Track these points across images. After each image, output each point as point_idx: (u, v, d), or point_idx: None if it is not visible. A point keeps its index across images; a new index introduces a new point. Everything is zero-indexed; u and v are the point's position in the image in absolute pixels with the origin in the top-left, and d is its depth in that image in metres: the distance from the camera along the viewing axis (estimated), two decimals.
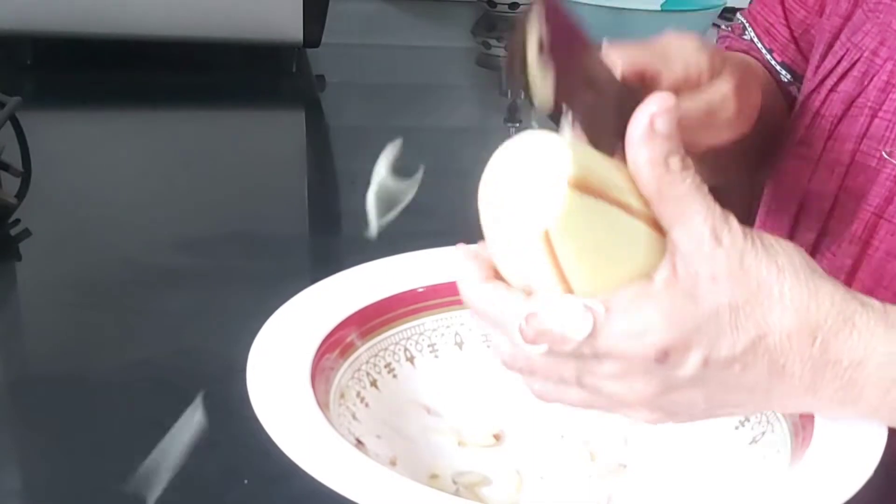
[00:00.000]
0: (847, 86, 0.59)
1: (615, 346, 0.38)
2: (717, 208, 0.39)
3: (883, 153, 0.57)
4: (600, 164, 0.39)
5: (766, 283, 0.39)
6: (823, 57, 0.62)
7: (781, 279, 0.40)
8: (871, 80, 0.58)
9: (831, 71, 0.60)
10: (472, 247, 0.42)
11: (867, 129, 0.58)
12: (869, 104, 0.58)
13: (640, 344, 0.38)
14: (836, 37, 0.61)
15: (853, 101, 0.59)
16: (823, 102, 0.60)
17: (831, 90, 0.60)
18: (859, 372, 0.41)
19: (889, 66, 0.57)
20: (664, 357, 0.39)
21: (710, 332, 0.39)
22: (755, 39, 0.68)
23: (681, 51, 0.48)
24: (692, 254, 0.39)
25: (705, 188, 0.39)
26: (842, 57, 0.60)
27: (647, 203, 0.39)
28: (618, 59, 0.45)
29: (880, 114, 0.57)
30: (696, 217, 0.39)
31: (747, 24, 0.69)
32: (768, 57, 0.68)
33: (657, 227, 0.40)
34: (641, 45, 0.47)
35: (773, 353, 0.40)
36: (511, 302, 0.40)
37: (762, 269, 0.39)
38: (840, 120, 0.59)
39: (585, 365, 0.40)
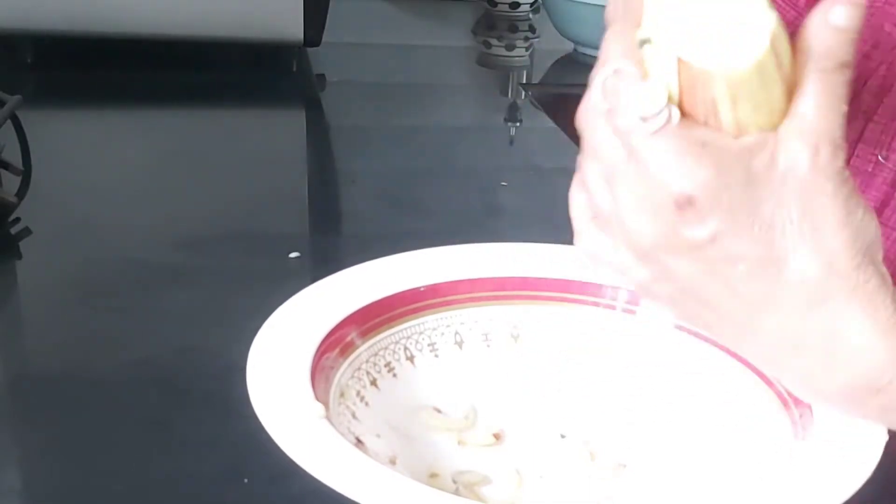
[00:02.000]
0: None
1: (657, 160, 0.36)
2: (839, 132, 0.37)
3: (879, 157, 0.57)
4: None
5: (822, 222, 0.37)
6: None
7: (837, 230, 0.37)
8: (865, 84, 0.58)
9: None
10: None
11: (861, 133, 0.57)
12: (863, 108, 0.58)
13: (675, 176, 0.36)
14: None
15: (847, 106, 0.59)
16: None
17: None
18: (856, 358, 0.39)
19: (882, 69, 0.57)
20: (682, 205, 0.36)
21: (738, 218, 0.37)
22: None
23: None
24: (786, 144, 0.37)
25: (844, 105, 0.37)
26: None
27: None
28: None
29: (875, 118, 0.57)
30: (814, 120, 0.37)
31: None
32: None
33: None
34: None
35: (780, 285, 0.38)
36: (623, 53, 0.37)
37: (829, 208, 0.37)
38: None
39: (620, 159, 0.38)
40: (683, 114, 0.37)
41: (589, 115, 0.39)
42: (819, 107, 0.37)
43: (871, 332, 0.39)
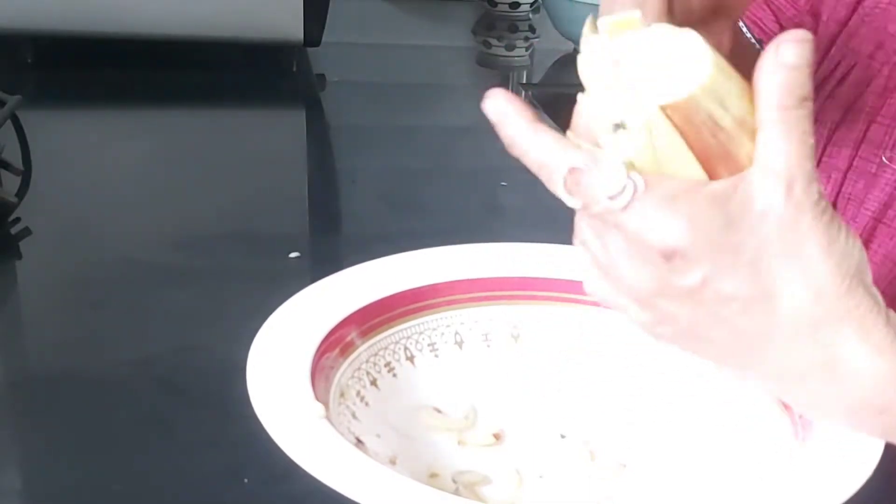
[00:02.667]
0: (844, 91, 0.59)
1: (635, 225, 0.38)
2: (810, 165, 0.38)
3: (882, 158, 0.57)
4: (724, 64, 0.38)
5: (806, 254, 0.38)
6: (820, 62, 0.62)
7: (822, 259, 0.38)
8: (869, 85, 0.58)
9: (828, 76, 0.60)
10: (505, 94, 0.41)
11: (865, 134, 0.57)
12: (867, 109, 0.58)
13: (654, 234, 0.38)
14: (833, 42, 0.61)
15: (851, 107, 0.59)
16: (821, 108, 0.60)
17: (829, 96, 0.60)
18: (855, 384, 0.40)
19: (886, 70, 0.57)
20: (669, 257, 0.38)
21: (723, 262, 0.38)
22: (744, 29, 0.68)
23: None
24: (757, 184, 0.37)
25: (811, 139, 0.38)
26: (838, 62, 0.60)
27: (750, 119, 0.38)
28: None
29: (878, 119, 0.57)
30: (784, 156, 0.37)
31: (743, 26, 0.69)
32: (758, 46, 0.68)
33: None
34: None
35: (774, 318, 0.39)
36: (561, 149, 0.39)
37: (812, 239, 0.38)
38: (838, 126, 0.59)
39: (606, 231, 0.40)
40: (694, 149, 0.38)
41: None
42: (786, 143, 0.38)
43: (866, 354, 0.39)
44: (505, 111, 0.40)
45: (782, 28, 0.66)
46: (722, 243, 0.38)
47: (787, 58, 0.37)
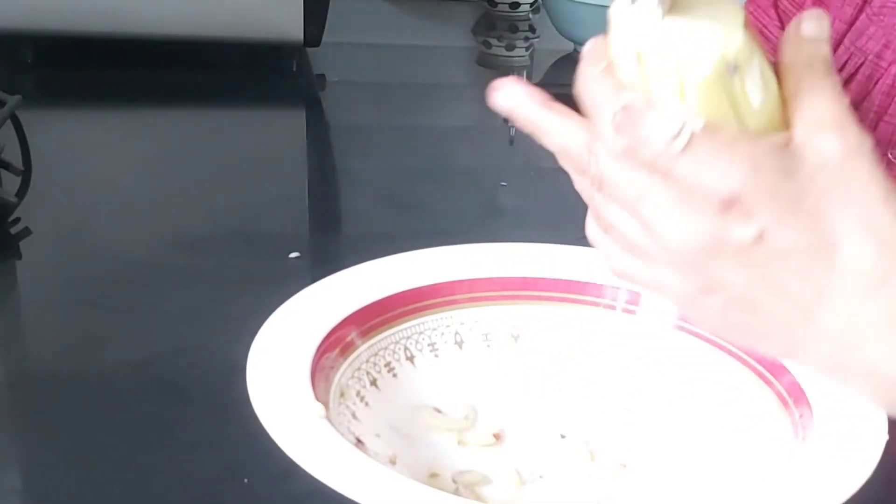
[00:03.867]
0: (852, 91, 0.59)
1: (692, 170, 0.36)
2: (851, 112, 0.37)
3: (889, 155, 0.57)
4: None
5: (867, 200, 0.37)
6: None
7: (883, 207, 0.37)
8: (876, 83, 0.58)
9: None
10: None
11: (873, 133, 0.57)
12: (874, 108, 0.58)
13: (715, 178, 0.36)
14: (840, 42, 0.61)
15: (858, 106, 0.58)
16: None
17: None
18: None
19: (894, 69, 0.57)
20: (729, 204, 0.36)
21: (782, 210, 0.36)
22: None
23: None
24: (811, 138, 0.37)
25: (840, 92, 0.37)
26: (846, 61, 0.60)
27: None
28: None
29: (886, 118, 0.57)
30: (827, 108, 0.37)
31: None
32: None
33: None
34: None
35: (835, 273, 0.37)
36: (618, 90, 0.37)
37: (871, 186, 0.37)
38: None
39: (651, 185, 0.37)
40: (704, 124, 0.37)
41: (600, 153, 0.39)
42: (829, 98, 0.37)
43: None
44: (593, 49, 0.39)
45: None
46: (782, 192, 0.36)
47: (811, 30, 0.38)
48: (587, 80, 0.39)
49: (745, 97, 0.37)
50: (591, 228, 0.42)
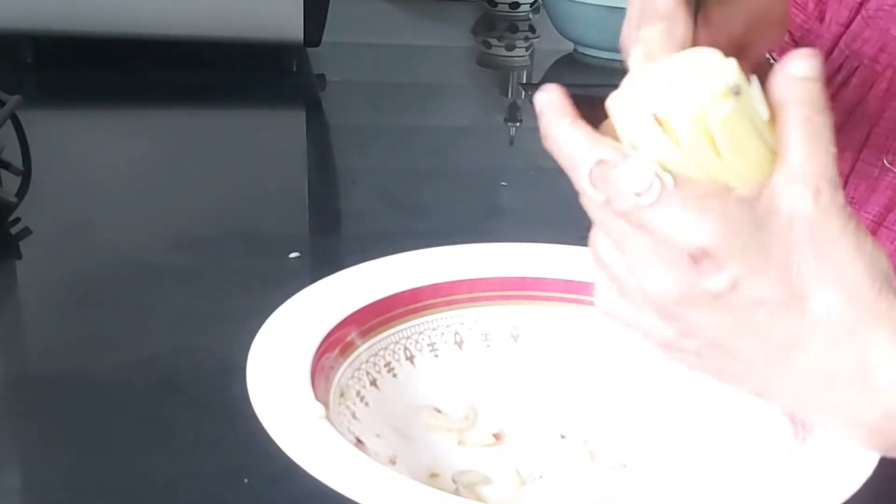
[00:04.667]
0: (847, 94, 0.59)
1: (662, 224, 0.37)
2: (834, 171, 0.38)
3: (884, 161, 0.56)
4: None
5: (836, 256, 0.38)
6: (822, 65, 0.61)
7: (853, 261, 0.38)
8: (871, 88, 0.58)
9: (831, 79, 0.60)
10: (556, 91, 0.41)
11: (867, 137, 0.57)
12: (869, 113, 0.57)
13: (684, 234, 0.37)
14: (835, 44, 0.61)
15: (853, 110, 0.58)
16: None
17: (831, 99, 0.60)
18: (888, 392, 0.39)
19: (889, 73, 0.57)
20: (700, 257, 0.37)
21: (753, 262, 0.37)
22: None
23: None
24: (784, 191, 0.37)
25: (834, 149, 0.38)
26: (841, 65, 0.60)
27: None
28: None
29: (881, 122, 0.57)
30: (809, 165, 0.37)
31: None
32: (768, 55, 0.67)
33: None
34: None
35: (805, 322, 0.38)
36: (591, 144, 0.38)
37: (841, 241, 0.38)
38: (840, 129, 0.59)
39: (628, 234, 0.39)
40: (720, 161, 0.38)
41: (585, 200, 0.40)
42: (810, 151, 0.38)
43: None
44: (549, 102, 0.40)
45: (791, 36, 0.66)
46: (752, 245, 0.37)
47: (797, 71, 0.38)
48: (559, 135, 0.40)
49: (756, 114, 0.38)
50: (591, 260, 0.43)
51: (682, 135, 0.37)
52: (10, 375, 0.60)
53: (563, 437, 0.53)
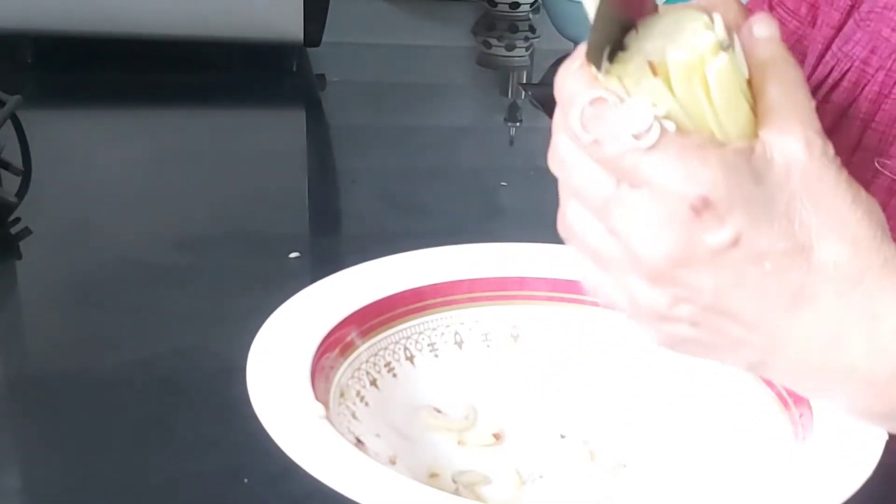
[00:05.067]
0: (839, 97, 0.59)
1: (662, 172, 0.35)
2: (819, 125, 0.38)
3: (875, 163, 0.56)
4: None
5: (836, 205, 0.37)
6: (814, 67, 0.61)
7: (852, 210, 0.37)
8: (863, 90, 0.57)
9: (822, 81, 0.60)
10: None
11: (860, 140, 0.57)
12: (861, 115, 0.57)
13: (685, 182, 0.35)
14: (827, 47, 0.61)
15: (845, 113, 0.58)
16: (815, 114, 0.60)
17: (823, 101, 0.60)
18: (888, 332, 0.37)
19: (881, 75, 0.57)
20: (701, 208, 0.35)
21: (757, 213, 0.36)
22: None
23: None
24: (776, 143, 0.37)
25: (813, 104, 0.38)
26: (832, 67, 0.59)
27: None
28: None
29: (872, 125, 0.57)
30: (796, 113, 0.37)
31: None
32: None
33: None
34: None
35: (812, 274, 0.37)
36: (590, 83, 0.37)
37: (838, 191, 0.37)
38: (832, 132, 0.59)
39: (616, 192, 0.37)
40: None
41: (564, 157, 0.39)
42: (795, 104, 0.37)
43: None
44: (570, 67, 0.38)
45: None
46: (754, 195, 0.36)
47: (766, 31, 0.38)
48: (563, 75, 0.38)
49: (741, 72, 0.38)
50: (561, 230, 0.41)
51: (677, 83, 0.36)
52: (10, 375, 0.60)
53: (563, 437, 0.53)
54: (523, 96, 1.27)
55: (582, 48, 0.38)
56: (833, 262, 0.37)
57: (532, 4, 1.57)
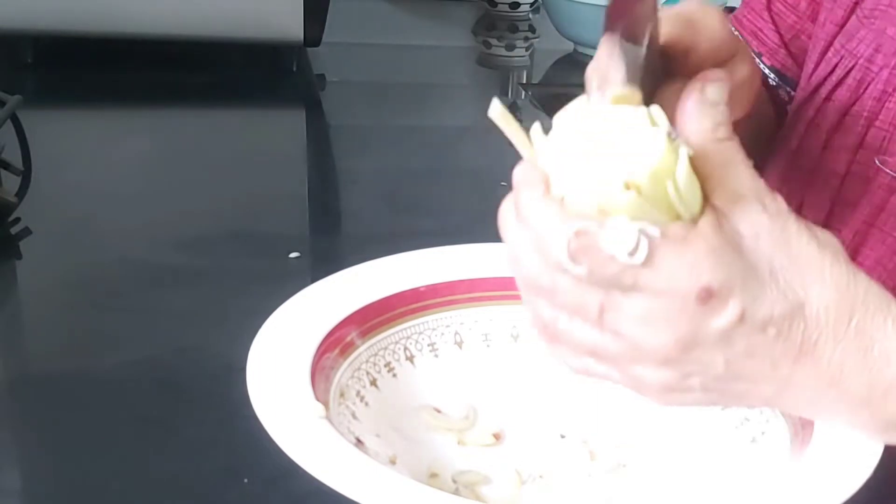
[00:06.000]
0: (842, 94, 0.59)
1: (661, 277, 0.37)
2: (762, 181, 0.39)
3: (876, 161, 0.56)
4: None
5: (807, 254, 0.39)
6: (817, 65, 0.61)
7: (822, 254, 0.39)
8: (867, 88, 0.57)
9: (825, 79, 0.60)
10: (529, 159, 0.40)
11: (863, 139, 0.57)
12: (864, 114, 0.57)
13: (687, 278, 0.37)
14: (830, 44, 0.60)
15: (848, 111, 0.58)
16: (818, 111, 0.60)
17: (826, 99, 0.59)
18: (888, 366, 0.40)
19: (885, 74, 0.57)
20: (707, 297, 0.37)
21: (752, 286, 0.38)
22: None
23: (708, 26, 0.47)
24: (734, 213, 0.38)
25: (750, 161, 0.39)
26: (836, 65, 0.59)
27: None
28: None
29: (876, 123, 0.56)
30: (741, 182, 0.38)
31: (734, 29, 0.68)
32: (757, 60, 0.67)
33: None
34: (670, 15, 0.46)
35: (810, 326, 0.39)
36: (564, 218, 0.37)
37: (804, 240, 0.39)
38: (835, 129, 0.58)
39: (613, 299, 0.38)
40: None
41: (542, 285, 0.39)
42: (737, 171, 0.39)
43: (892, 327, 0.40)
44: (523, 176, 0.39)
45: (781, 38, 0.66)
46: (744, 270, 0.38)
47: (711, 95, 0.39)
48: (528, 212, 0.39)
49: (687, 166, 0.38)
50: (544, 335, 0.42)
51: (647, 190, 0.37)
52: (10, 375, 0.60)
53: (563, 437, 0.53)
54: (523, 96, 1.27)
55: (525, 174, 0.39)
56: (825, 308, 0.39)
57: (532, 4, 1.57)
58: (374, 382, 0.53)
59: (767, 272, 0.38)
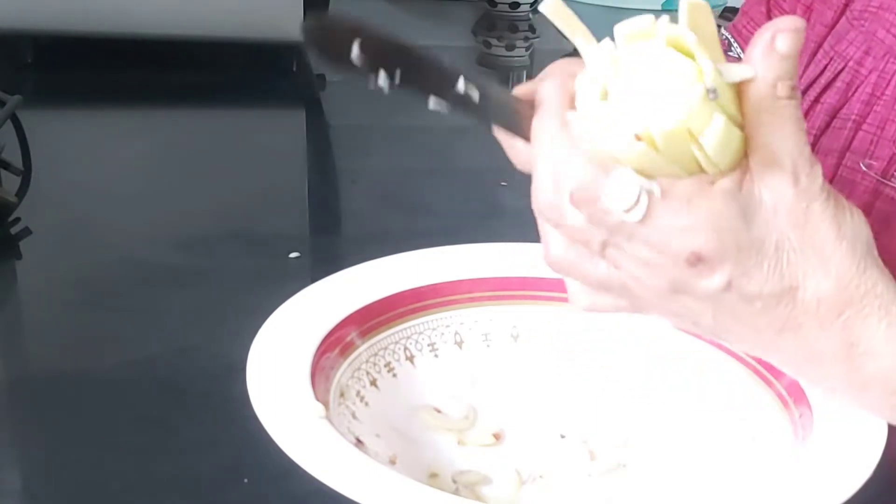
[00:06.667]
0: (831, 97, 0.58)
1: (655, 235, 0.37)
2: (808, 149, 0.38)
3: (861, 165, 0.56)
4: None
5: (821, 241, 0.38)
6: (806, 66, 0.61)
7: (837, 244, 0.39)
8: (856, 91, 0.57)
9: (814, 81, 0.59)
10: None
11: (851, 142, 0.57)
12: (853, 117, 0.57)
13: (678, 241, 0.37)
14: (819, 46, 0.60)
15: (837, 113, 0.58)
16: (807, 114, 0.59)
17: (815, 101, 0.59)
18: (872, 362, 0.40)
19: (874, 77, 0.56)
20: (695, 262, 0.37)
21: (747, 260, 0.38)
22: (741, 55, 0.67)
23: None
24: (763, 179, 0.38)
25: (804, 125, 0.38)
26: (825, 67, 0.59)
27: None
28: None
29: (864, 127, 0.56)
30: (783, 147, 0.38)
31: (733, 40, 0.68)
32: (727, 37, 0.67)
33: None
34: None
35: (797, 309, 0.39)
36: (575, 159, 0.38)
37: (823, 226, 0.38)
38: (823, 132, 0.58)
39: (616, 238, 0.38)
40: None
41: (553, 206, 0.40)
42: (784, 133, 0.38)
43: (884, 331, 0.40)
44: (549, 101, 0.39)
45: None
46: (744, 241, 0.38)
47: (781, 47, 0.37)
48: (541, 142, 0.39)
49: (730, 102, 0.37)
50: (548, 259, 0.43)
51: (663, 146, 0.37)
52: (10, 375, 0.60)
53: (563, 437, 0.53)
54: None
55: (553, 92, 0.39)
56: (818, 299, 0.39)
57: (532, 4, 1.57)
58: (374, 382, 0.53)
59: (773, 247, 0.38)
